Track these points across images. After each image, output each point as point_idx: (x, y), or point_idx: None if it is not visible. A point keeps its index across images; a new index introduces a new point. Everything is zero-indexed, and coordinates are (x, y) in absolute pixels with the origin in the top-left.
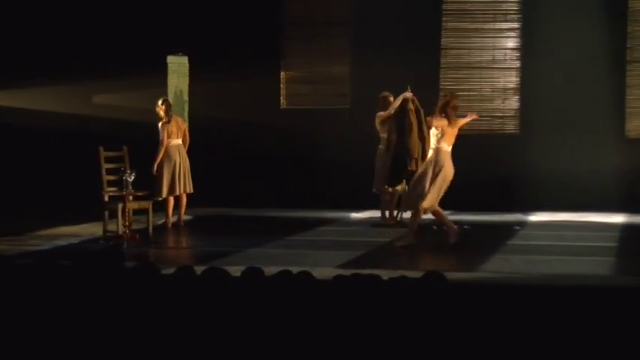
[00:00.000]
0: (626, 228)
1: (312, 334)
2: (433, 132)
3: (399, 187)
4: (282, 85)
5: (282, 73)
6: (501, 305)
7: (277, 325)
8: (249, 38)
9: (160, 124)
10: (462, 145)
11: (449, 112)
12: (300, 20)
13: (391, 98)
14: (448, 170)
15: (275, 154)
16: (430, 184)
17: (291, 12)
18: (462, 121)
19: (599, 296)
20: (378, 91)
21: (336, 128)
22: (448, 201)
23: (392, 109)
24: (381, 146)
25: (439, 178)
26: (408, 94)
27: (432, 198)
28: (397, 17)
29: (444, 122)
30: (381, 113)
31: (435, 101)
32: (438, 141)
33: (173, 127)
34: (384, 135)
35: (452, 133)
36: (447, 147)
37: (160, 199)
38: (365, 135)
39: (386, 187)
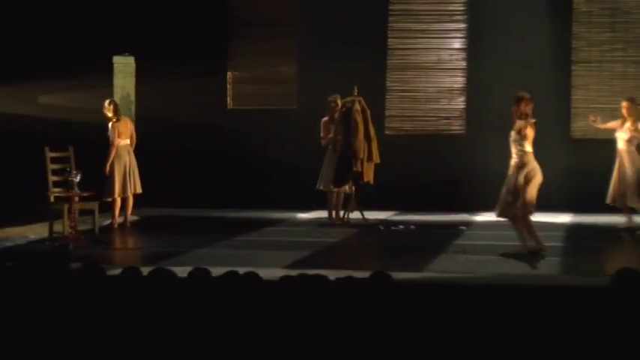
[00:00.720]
0: (571, 228)
1: (258, 334)
2: (513, 136)
3: (345, 188)
4: (228, 86)
5: (229, 74)
6: (447, 305)
7: (224, 325)
8: (196, 38)
9: (109, 124)
10: (408, 145)
11: (528, 112)
12: (247, 20)
13: (339, 101)
14: (538, 169)
15: (222, 154)
16: (526, 186)
17: (237, 12)
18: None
19: (544, 296)
20: (325, 91)
21: (282, 128)
22: (394, 201)
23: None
24: (330, 146)
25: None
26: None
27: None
28: (344, 18)
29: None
30: (324, 120)
31: (378, 101)
32: (522, 144)
33: (122, 127)
34: (331, 136)
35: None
36: (529, 148)
37: (111, 199)
38: (312, 135)
39: (331, 187)
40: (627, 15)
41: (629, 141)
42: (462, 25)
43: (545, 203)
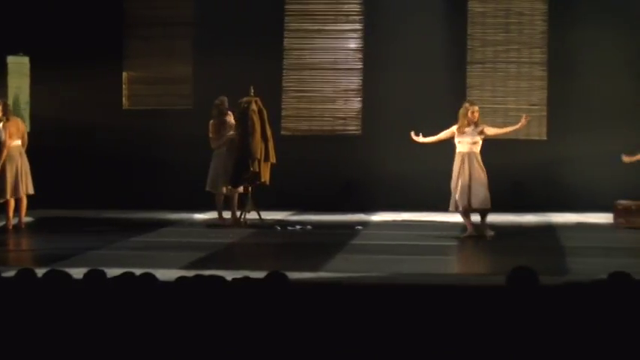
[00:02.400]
0: (466, 227)
1: (154, 335)
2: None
3: (240, 189)
4: (124, 86)
5: (124, 74)
6: (344, 305)
7: (120, 326)
8: (92, 38)
9: (0, 124)
10: (304, 145)
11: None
12: (143, 20)
13: (226, 103)
14: None
15: (117, 154)
16: None
17: (133, 12)
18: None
19: (440, 295)
20: (221, 91)
21: (178, 129)
22: (291, 201)
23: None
24: (215, 147)
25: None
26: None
27: None
28: (240, 18)
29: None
30: (212, 122)
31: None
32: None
33: (13, 127)
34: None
35: None
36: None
37: (2, 200)
38: (208, 136)
39: (228, 187)
40: (521, 16)
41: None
42: (358, 26)
43: (440, 203)
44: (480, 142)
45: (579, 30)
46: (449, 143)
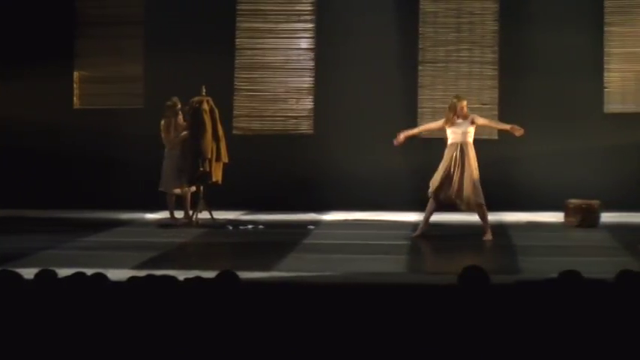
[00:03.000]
0: (417, 226)
1: (107, 336)
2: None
3: (192, 188)
4: (75, 85)
5: (76, 73)
6: (297, 304)
7: (71, 327)
8: (43, 38)
9: None
10: (256, 145)
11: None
12: (94, 19)
13: (178, 104)
14: None
15: (68, 154)
16: None
17: (84, 11)
18: None
19: (392, 294)
20: (173, 90)
21: (130, 128)
22: (243, 201)
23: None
24: (167, 147)
25: None
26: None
27: None
28: (191, 17)
29: None
30: (164, 122)
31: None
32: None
33: None
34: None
35: None
36: None
37: None
38: (159, 135)
39: (180, 187)
40: (472, 16)
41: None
42: (310, 25)
43: (393, 202)
44: (472, 132)
45: (530, 29)
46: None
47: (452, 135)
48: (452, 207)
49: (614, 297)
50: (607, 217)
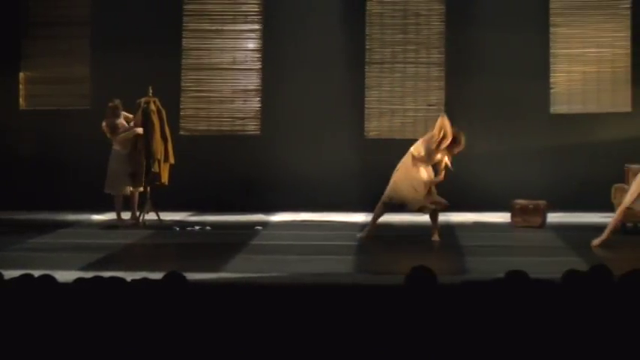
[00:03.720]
0: (365, 226)
1: (53, 337)
2: None
3: (140, 189)
4: (21, 86)
5: (21, 74)
6: (245, 305)
7: (18, 329)
8: None
9: None
10: (203, 146)
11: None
12: (40, 20)
13: (120, 106)
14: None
15: (14, 155)
16: None
17: (30, 11)
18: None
19: (340, 294)
20: (120, 91)
21: (76, 129)
22: (190, 202)
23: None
24: (115, 147)
25: None
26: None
27: None
28: (138, 18)
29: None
30: (105, 124)
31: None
32: None
33: None
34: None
35: None
36: None
37: None
38: (105, 136)
39: (127, 188)
40: (418, 17)
41: None
42: (257, 26)
43: (340, 202)
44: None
45: (476, 30)
46: (349, 142)
47: None
48: (400, 208)
49: (560, 297)
50: (553, 217)
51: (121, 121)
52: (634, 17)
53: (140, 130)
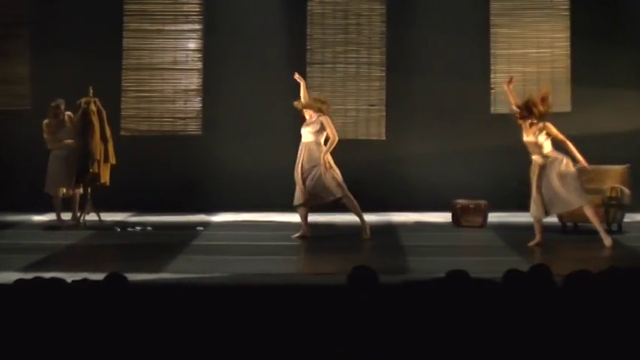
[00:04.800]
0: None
1: None
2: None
3: (80, 190)
4: None
5: None
6: (186, 306)
7: None
8: None
9: None
10: (144, 146)
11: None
12: None
13: (62, 106)
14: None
15: None
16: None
17: None
18: None
19: (281, 295)
20: (60, 92)
21: (16, 130)
22: (131, 202)
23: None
24: (54, 149)
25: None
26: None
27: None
28: (78, 18)
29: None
30: (47, 122)
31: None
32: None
33: None
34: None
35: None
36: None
37: None
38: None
39: (67, 189)
40: (359, 17)
41: None
42: (198, 26)
43: (282, 203)
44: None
45: (417, 31)
46: (289, 142)
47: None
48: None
49: (501, 296)
50: (493, 217)
51: (64, 121)
52: (573, 18)
53: (71, 142)
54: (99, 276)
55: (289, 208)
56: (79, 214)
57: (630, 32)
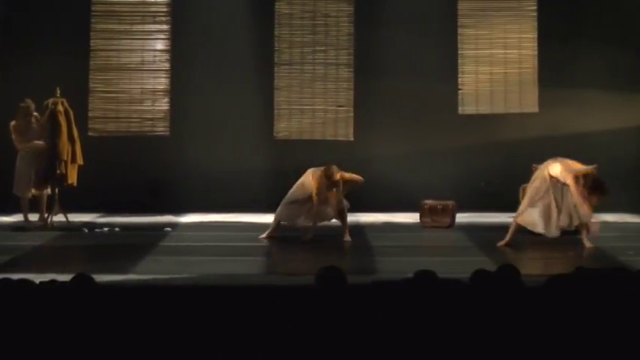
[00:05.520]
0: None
1: None
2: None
3: (47, 191)
4: None
5: None
6: (154, 307)
7: None
8: None
9: None
10: (112, 147)
11: None
12: None
13: (32, 106)
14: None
15: None
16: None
17: None
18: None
19: (250, 295)
20: (27, 92)
21: None
22: (98, 203)
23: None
24: (23, 150)
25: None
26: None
27: None
28: (45, 18)
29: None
30: (15, 124)
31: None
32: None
33: None
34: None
35: None
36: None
37: None
38: (11, 137)
39: (36, 189)
40: (327, 18)
41: None
42: (165, 27)
43: (249, 204)
44: None
45: (385, 31)
46: (258, 143)
47: None
48: None
49: (468, 296)
50: (461, 217)
51: (33, 122)
52: (540, 19)
53: (41, 143)
54: (66, 277)
55: (256, 208)
56: (46, 215)
57: (596, 33)
